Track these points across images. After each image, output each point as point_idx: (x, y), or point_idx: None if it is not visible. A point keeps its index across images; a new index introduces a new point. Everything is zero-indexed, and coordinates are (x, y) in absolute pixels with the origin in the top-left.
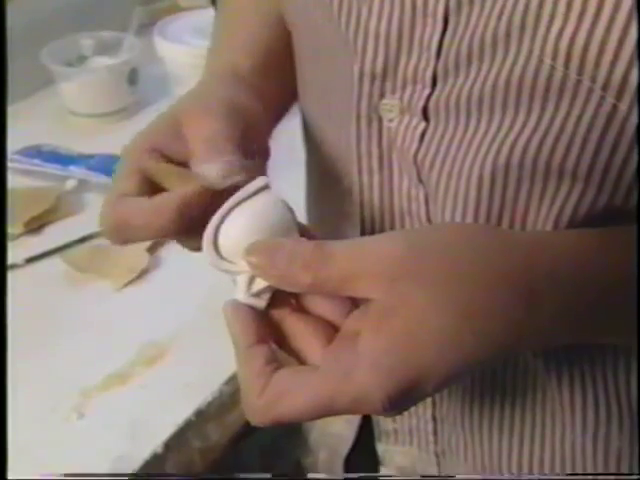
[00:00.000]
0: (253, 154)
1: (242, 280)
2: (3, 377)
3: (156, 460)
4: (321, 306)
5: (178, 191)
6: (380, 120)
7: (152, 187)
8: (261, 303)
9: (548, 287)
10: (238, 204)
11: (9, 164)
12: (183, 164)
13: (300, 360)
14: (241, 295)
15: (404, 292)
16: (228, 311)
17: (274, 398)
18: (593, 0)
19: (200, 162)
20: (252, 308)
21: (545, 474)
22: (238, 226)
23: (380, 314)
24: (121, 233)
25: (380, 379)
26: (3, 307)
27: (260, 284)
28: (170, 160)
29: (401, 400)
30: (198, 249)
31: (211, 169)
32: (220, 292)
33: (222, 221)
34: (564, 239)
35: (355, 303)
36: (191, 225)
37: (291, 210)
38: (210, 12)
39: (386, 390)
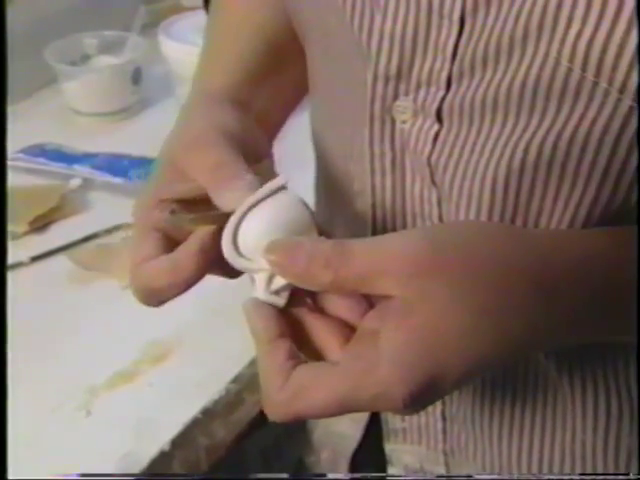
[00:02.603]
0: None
1: (261, 278)
2: (3, 377)
3: (163, 458)
4: (338, 306)
5: (192, 242)
6: (393, 122)
7: (171, 241)
8: (280, 301)
9: (566, 285)
10: (257, 203)
11: (13, 163)
12: (195, 202)
13: (317, 359)
14: (260, 293)
15: (424, 289)
16: (249, 308)
17: (294, 393)
18: (612, 2)
19: (219, 189)
20: (272, 306)
21: (557, 474)
22: (257, 224)
23: (400, 311)
24: (152, 298)
25: (401, 375)
26: (3, 308)
27: (279, 282)
28: (182, 203)
29: (421, 396)
30: (232, 276)
31: (232, 194)
32: (227, 291)
33: (241, 219)
34: (581, 237)
35: (371, 304)
36: (215, 263)
37: (310, 209)
38: None
39: (408, 386)
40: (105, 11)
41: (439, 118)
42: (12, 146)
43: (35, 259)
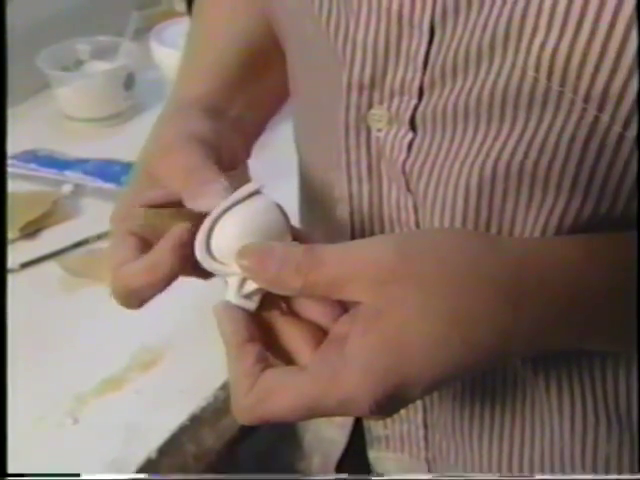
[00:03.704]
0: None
1: (233, 282)
2: (3, 376)
3: (150, 465)
4: (311, 310)
5: (168, 239)
6: (369, 130)
7: (148, 244)
8: (251, 305)
9: (536, 293)
10: (231, 207)
11: None
12: (168, 208)
13: (289, 363)
14: (232, 296)
15: (393, 296)
16: (219, 311)
17: (261, 397)
18: (575, 13)
19: (193, 194)
20: (243, 309)
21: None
22: (230, 228)
23: (368, 317)
24: (132, 299)
25: (367, 382)
26: (3, 311)
27: (251, 286)
28: (156, 209)
29: (388, 403)
30: (205, 277)
31: (206, 199)
32: (215, 298)
33: (215, 222)
34: (553, 246)
35: (345, 308)
36: (191, 262)
37: (284, 214)
38: None
39: (373, 393)
40: (98, 17)
41: (413, 126)
42: None
43: (25, 265)
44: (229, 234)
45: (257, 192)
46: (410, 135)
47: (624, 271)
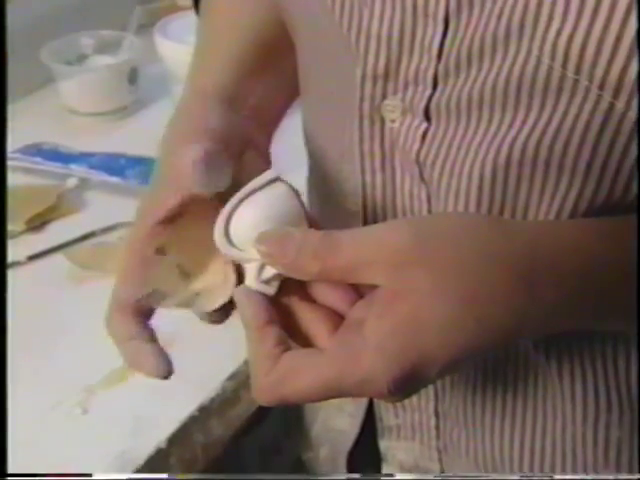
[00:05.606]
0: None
1: (252, 268)
2: (3, 375)
3: (160, 455)
4: (328, 295)
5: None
6: (382, 121)
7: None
8: (270, 290)
9: (549, 274)
10: (250, 194)
11: (10, 162)
12: (185, 216)
13: (307, 347)
14: (251, 282)
15: (408, 278)
16: (240, 295)
17: (281, 378)
18: (591, 0)
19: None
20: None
21: (555, 474)
22: (249, 215)
23: (385, 300)
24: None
25: (385, 363)
26: (3, 305)
27: (270, 272)
28: (170, 227)
29: (405, 383)
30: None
31: (202, 177)
32: None
33: (234, 210)
34: (565, 228)
35: (360, 294)
36: None
37: (301, 201)
38: None
39: (391, 374)
40: (101, 11)
41: (427, 116)
42: (9, 146)
43: (32, 258)
44: (247, 221)
45: (275, 180)
46: (424, 125)
47: (635, 252)
